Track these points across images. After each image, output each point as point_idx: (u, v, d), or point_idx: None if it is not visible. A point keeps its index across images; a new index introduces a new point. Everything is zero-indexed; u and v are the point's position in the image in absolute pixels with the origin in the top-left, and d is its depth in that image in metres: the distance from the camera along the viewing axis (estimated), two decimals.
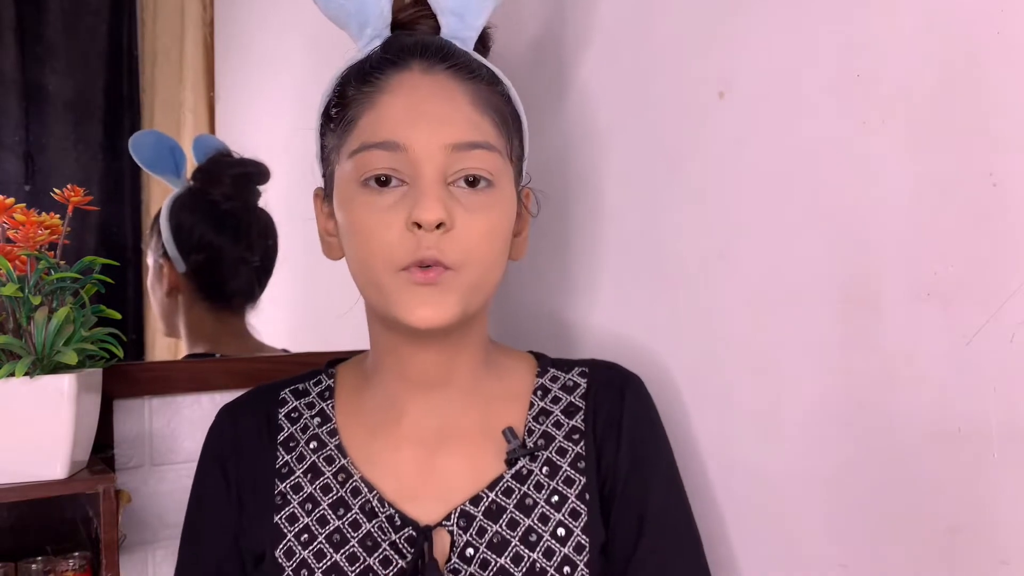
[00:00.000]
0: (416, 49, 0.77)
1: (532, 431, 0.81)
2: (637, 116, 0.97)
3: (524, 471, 0.79)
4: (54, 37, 1.17)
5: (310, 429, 0.83)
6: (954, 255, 0.65)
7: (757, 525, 0.84)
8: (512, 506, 0.78)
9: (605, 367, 0.86)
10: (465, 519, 0.77)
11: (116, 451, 1.06)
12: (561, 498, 0.78)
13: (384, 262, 0.72)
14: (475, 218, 0.73)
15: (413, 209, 0.71)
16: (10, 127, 1.13)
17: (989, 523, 0.64)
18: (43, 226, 0.89)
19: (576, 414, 0.82)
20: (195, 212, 1.19)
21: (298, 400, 0.85)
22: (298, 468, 0.81)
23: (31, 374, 0.84)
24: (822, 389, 0.76)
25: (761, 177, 0.82)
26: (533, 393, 0.83)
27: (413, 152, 0.72)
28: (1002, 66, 0.62)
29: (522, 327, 1.15)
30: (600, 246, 1.03)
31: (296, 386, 0.86)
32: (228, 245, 1.22)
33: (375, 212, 0.73)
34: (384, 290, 0.73)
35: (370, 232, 0.73)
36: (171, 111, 1.25)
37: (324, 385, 0.86)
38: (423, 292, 0.72)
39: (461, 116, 0.74)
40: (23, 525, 0.97)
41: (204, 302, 1.20)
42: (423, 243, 0.71)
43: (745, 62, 0.83)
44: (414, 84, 0.75)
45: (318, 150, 0.82)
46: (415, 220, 0.70)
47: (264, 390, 0.87)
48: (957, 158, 0.65)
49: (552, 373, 0.85)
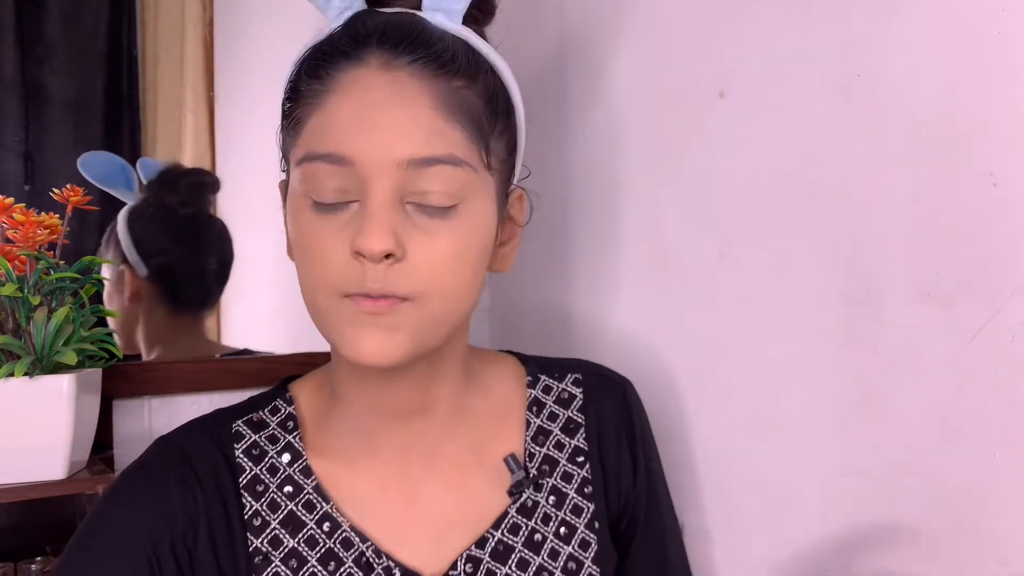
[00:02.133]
0: (375, 36, 0.64)
1: (533, 455, 0.75)
2: (637, 116, 0.97)
3: (529, 503, 0.74)
4: (54, 37, 1.17)
5: (279, 470, 0.70)
6: (954, 255, 0.65)
7: (757, 525, 0.84)
8: (520, 544, 0.72)
9: (597, 373, 0.81)
10: (472, 564, 0.71)
11: (116, 451, 1.06)
12: (570, 529, 0.74)
13: (327, 287, 0.63)
14: (435, 243, 0.63)
15: (356, 236, 0.61)
16: (10, 127, 1.13)
17: (989, 523, 0.64)
18: (42, 226, 0.89)
19: (577, 432, 0.77)
20: (153, 221, 1.22)
21: (257, 434, 0.72)
22: (272, 518, 0.69)
23: (31, 374, 0.84)
24: (822, 389, 0.76)
25: (761, 177, 0.82)
26: (528, 409, 0.77)
27: (361, 167, 0.61)
28: (1002, 66, 0.62)
29: (522, 327, 1.15)
30: (600, 246, 1.03)
31: (249, 417, 0.73)
32: (187, 250, 1.25)
33: (321, 233, 0.63)
34: (327, 318, 0.64)
35: (314, 254, 0.63)
36: (172, 111, 1.25)
37: (284, 413, 0.74)
38: (369, 324, 0.62)
39: (420, 125, 0.62)
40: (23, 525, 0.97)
41: (164, 305, 1.22)
42: (369, 274, 0.61)
43: (745, 62, 0.83)
44: (368, 84, 0.63)
45: (280, 143, 0.71)
46: (356, 249, 0.61)
47: (208, 422, 0.73)
48: (957, 158, 0.65)
49: (544, 383, 0.78)
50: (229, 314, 1.29)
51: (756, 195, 0.83)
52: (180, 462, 0.69)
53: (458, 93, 0.64)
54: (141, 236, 1.20)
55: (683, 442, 0.90)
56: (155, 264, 1.20)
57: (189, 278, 1.25)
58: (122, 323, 1.18)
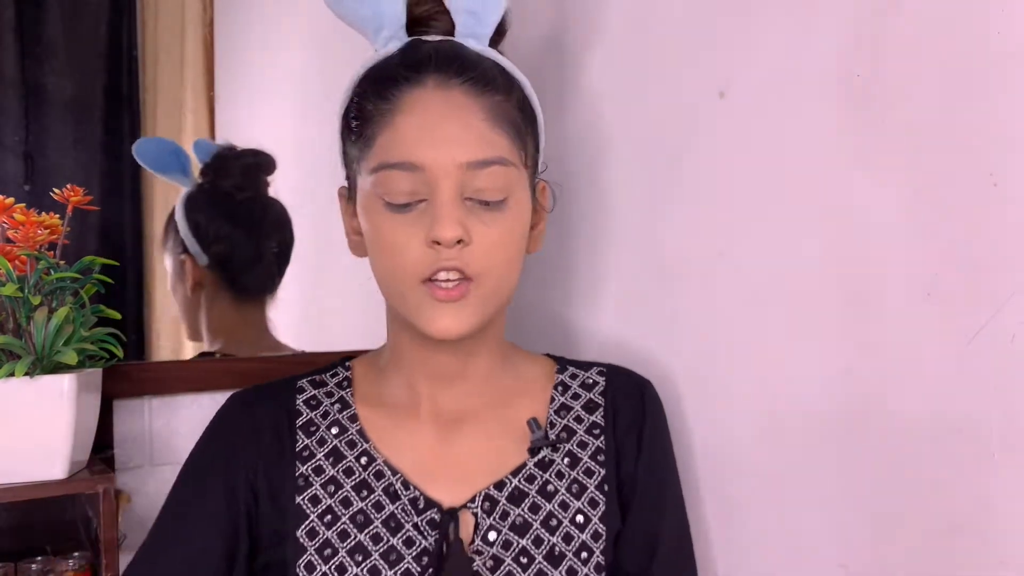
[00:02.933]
0: (430, 62, 0.77)
1: (554, 424, 0.84)
2: (637, 116, 0.97)
3: (546, 460, 0.82)
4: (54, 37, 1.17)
5: (330, 415, 0.84)
6: (954, 255, 0.65)
7: (757, 525, 0.84)
8: (534, 491, 0.80)
9: (622, 370, 0.88)
10: (489, 502, 0.79)
11: (116, 451, 1.06)
12: (581, 487, 0.81)
13: (407, 276, 0.75)
14: (491, 230, 0.76)
15: (432, 228, 0.73)
16: (10, 127, 1.13)
17: (989, 523, 0.64)
18: (43, 226, 0.89)
19: (596, 410, 0.85)
20: (210, 206, 1.21)
21: (316, 389, 0.86)
22: (319, 451, 0.82)
23: (31, 374, 0.84)
24: (822, 389, 0.76)
25: (761, 177, 0.82)
26: (554, 388, 0.86)
27: (430, 171, 0.74)
28: (1002, 66, 0.62)
29: (523, 327, 1.15)
30: (600, 245, 1.03)
31: (312, 377, 0.88)
32: (246, 234, 1.23)
33: (397, 229, 0.75)
34: (407, 301, 0.77)
35: (393, 248, 0.76)
36: (172, 111, 1.25)
37: (341, 376, 0.88)
38: (444, 307, 0.75)
39: (475, 134, 0.76)
40: (23, 525, 0.97)
41: (227, 293, 1.21)
42: (443, 255, 0.74)
43: (745, 62, 0.83)
44: (428, 103, 0.76)
45: (340, 152, 0.84)
46: (434, 239, 0.73)
47: (279, 381, 0.88)
48: (957, 158, 0.65)
49: (571, 371, 0.88)
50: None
51: (756, 195, 0.83)
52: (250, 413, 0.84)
53: (500, 106, 0.78)
54: (200, 223, 1.19)
55: (683, 442, 0.90)
56: (215, 252, 1.19)
57: (250, 264, 1.24)
58: (186, 312, 1.18)
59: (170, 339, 1.23)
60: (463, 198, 0.75)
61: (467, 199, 0.75)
